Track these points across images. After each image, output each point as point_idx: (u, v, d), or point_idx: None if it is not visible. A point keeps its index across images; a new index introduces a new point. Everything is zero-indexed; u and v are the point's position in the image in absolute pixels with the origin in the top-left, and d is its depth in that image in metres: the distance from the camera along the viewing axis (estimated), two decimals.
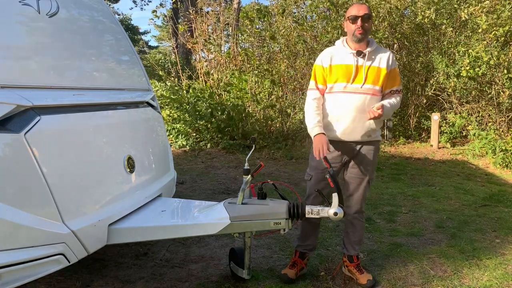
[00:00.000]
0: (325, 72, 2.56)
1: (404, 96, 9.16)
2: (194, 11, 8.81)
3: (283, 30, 8.12)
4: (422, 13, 7.69)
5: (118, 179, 2.40)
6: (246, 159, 2.56)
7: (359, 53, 2.50)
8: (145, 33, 28.80)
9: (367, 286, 2.61)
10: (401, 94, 2.62)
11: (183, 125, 7.68)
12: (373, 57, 2.52)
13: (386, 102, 2.52)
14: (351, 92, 2.50)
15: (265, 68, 7.91)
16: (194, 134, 7.72)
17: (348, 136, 2.54)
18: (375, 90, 2.51)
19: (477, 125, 7.67)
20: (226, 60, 8.40)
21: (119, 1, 28.87)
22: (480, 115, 7.94)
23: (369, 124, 2.51)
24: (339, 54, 2.56)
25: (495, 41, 7.18)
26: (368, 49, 2.51)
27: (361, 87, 2.49)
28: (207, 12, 9.57)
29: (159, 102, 7.69)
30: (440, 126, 7.99)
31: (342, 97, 2.52)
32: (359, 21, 2.45)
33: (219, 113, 7.38)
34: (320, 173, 2.59)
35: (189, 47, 8.82)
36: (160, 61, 13.71)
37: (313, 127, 2.51)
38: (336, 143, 2.56)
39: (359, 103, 2.48)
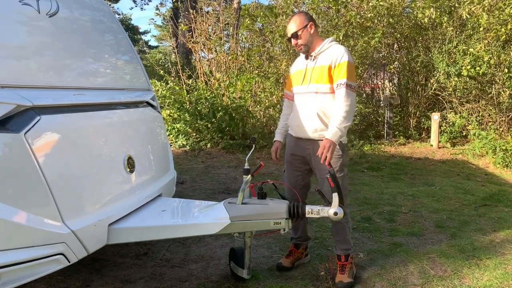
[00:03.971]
0: (291, 78, 2.84)
1: (404, 96, 9.18)
2: (194, 11, 8.82)
3: (284, 30, 8.12)
4: (423, 13, 7.68)
5: (118, 179, 2.40)
6: (246, 159, 2.56)
7: (306, 57, 2.66)
8: (145, 33, 28.83)
9: (337, 286, 2.59)
10: (348, 89, 2.45)
11: (183, 125, 7.68)
12: (319, 57, 2.60)
13: (333, 127, 2.44)
14: (300, 93, 2.68)
15: (268, 68, 7.90)
16: (194, 134, 7.71)
17: (302, 134, 2.67)
18: (321, 88, 2.56)
19: (477, 125, 7.67)
20: (231, 60, 8.37)
21: (119, 1, 28.87)
22: (480, 114, 7.94)
23: (316, 123, 2.56)
24: (299, 61, 2.77)
25: (495, 41, 7.18)
26: (315, 51, 2.61)
27: (307, 87, 2.62)
28: (207, 12, 9.57)
29: (160, 102, 7.69)
30: (440, 126, 7.99)
31: (296, 99, 2.74)
32: (292, 41, 2.63)
33: (221, 113, 7.38)
34: (288, 163, 2.80)
35: (190, 46, 8.82)
36: (160, 61, 13.71)
37: (276, 132, 2.90)
38: (297, 140, 2.73)
39: (306, 103, 2.64)
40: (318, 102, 2.56)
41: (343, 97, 2.46)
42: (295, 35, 2.59)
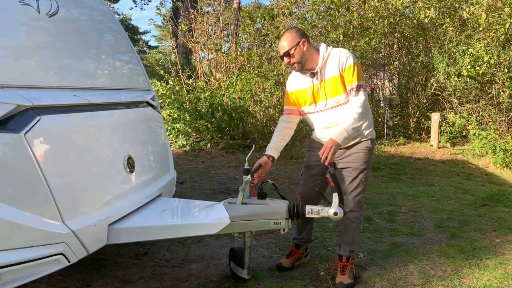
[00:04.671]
0: (292, 96, 2.68)
1: (404, 96, 9.18)
2: (194, 11, 8.82)
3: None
4: (424, 12, 7.68)
5: (118, 179, 2.40)
6: (246, 159, 2.56)
7: (312, 75, 2.54)
8: (145, 33, 28.81)
9: (337, 287, 2.58)
10: (361, 90, 2.44)
11: (183, 125, 7.68)
12: (325, 70, 2.50)
13: (340, 128, 2.41)
14: (319, 112, 2.58)
15: (267, 69, 7.90)
16: (194, 134, 7.71)
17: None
18: (341, 99, 2.49)
19: (477, 125, 7.67)
20: (231, 61, 8.37)
21: (119, 1, 28.88)
22: (480, 114, 7.94)
23: None
24: (300, 77, 2.62)
25: (495, 41, 7.18)
26: (319, 65, 2.49)
27: (325, 105, 2.52)
28: (207, 12, 9.57)
29: (160, 102, 7.69)
30: (440, 126, 7.99)
31: (313, 117, 2.63)
32: (285, 59, 2.52)
33: (220, 113, 7.39)
34: (308, 168, 2.72)
35: (190, 46, 8.82)
36: (160, 61, 13.72)
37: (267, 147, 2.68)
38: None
39: (331, 119, 2.54)
40: (341, 113, 2.49)
41: (355, 100, 2.45)
42: (287, 54, 2.48)
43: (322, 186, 2.67)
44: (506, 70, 7.16)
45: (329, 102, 2.51)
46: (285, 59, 2.52)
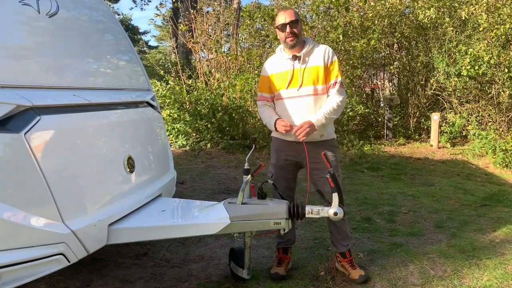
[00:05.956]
0: (269, 81, 2.67)
1: (404, 96, 9.18)
2: (194, 11, 8.82)
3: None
4: (424, 12, 7.68)
5: (118, 179, 2.40)
6: (246, 159, 2.56)
7: (294, 58, 2.57)
8: (145, 33, 28.84)
9: (359, 281, 2.63)
10: (342, 87, 2.57)
11: (183, 125, 7.69)
12: (309, 57, 2.57)
13: (320, 113, 2.50)
14: (289, 97, 2.59)
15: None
16: (194, 134, 7.72)
17: (297, 138, 2.52)
18: (317, 90, 2.55)
19: (477, 125, 7.67)
20: (231, 60, 8.37)
21: (119, 1, 28.89)
22: (480, 115, 7.94)
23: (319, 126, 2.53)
24: (278, 61, 2.66)
25: (495, 41, 7.18)
26: (303, 51, 2.56)
27: (298, 90, 2.56)
28: (207, 12, 9.58)
29: (160, 102, 7.69)
30: (440, 126, 7.98)
31: (284, 103, 2.63)
32: (287, 28, 2.53)
33: (220, 113, 7.39)
34: (279, 169, 2.72)
35: (190, 46, 8.82)
36: (160, 61, 13.71)
37: (270, 121, 2.61)
38: (291, 144, 2.62)
39: (299, 107, 2.57)
40: (316, 103, 2.55)
41: (338, 93, 2.56)
42: (295, 22, 2.52)
43: (294, 184, 2.78)
44: (506, 70, 7.15)
45: (302, 90, 2.55)
46: (288, 28, 2.52)
